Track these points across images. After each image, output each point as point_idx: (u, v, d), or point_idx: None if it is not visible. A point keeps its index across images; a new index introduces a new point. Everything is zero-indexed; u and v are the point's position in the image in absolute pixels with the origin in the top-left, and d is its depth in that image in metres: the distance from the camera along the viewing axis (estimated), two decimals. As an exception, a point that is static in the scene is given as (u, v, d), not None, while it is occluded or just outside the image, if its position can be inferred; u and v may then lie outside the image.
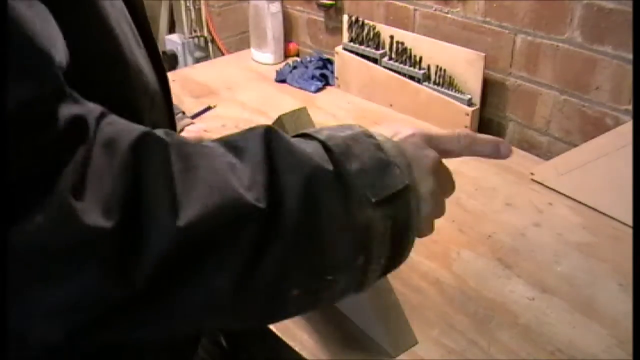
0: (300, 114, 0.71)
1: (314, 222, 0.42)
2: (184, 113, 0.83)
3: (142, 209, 0.37)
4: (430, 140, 0.52)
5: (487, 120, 1.21)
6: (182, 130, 0.77)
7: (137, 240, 0.37)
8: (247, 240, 0.39)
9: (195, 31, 1.83)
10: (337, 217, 0.43)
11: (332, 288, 0.45)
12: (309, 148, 0.45)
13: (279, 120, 0.70)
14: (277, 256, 0.41)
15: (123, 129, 0.39)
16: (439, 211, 0.53)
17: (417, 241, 0.90)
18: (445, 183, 0.52)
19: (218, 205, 0.38)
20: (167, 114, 0.61)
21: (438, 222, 0.94)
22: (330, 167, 0.43)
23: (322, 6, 1.46)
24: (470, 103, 1.17)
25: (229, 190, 0.39)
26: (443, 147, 0.52)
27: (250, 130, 0.44)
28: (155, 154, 0.39)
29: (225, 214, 0.39)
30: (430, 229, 0.54)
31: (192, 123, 0.81)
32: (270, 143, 0.43)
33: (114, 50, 0.48)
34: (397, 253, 0.50)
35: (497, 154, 0.55)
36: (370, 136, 0.48)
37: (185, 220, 0.37)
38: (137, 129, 0.40)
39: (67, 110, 0.37)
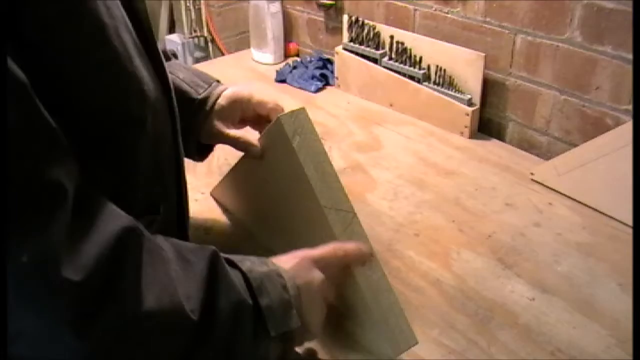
0: (299, 114, 0.71)
1: (234, 340, 0.54)
2: (218, 81, 0.84)
3: (118, 281, 0.45)
4: (316, 262, 0.63)
5: (487, 120, 1.21)
6: (218, 97, 0.80)
7: (100, 303, 0.44)
8: (180, 342, 0.50)
9: (195, 31, 1.83)
10: (248, 341, 0.55)
11: None
12: (236, 278, 0.55)
13: (278, 120, 0.70)
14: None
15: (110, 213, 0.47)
16: (324, 312, 0.65)
17: (417, 241, 0.91)
18: (329, 292, 0.65)
19: (167, 308, 0.48)
20: (171, 123, 0.61)
21: (438, 222, 0.95)
22: (250, 301, 0.55)
23: (322, 6, 1.46)
24: (470, 103, 1.17)
25: (175, 297, 0.49)
26: (328, 264, 0.64)
27: (201, 248, 0.55)
28: (135, 246, 0.48)
29: (170, 315, 0.48)
30: (318, 328, 0.65)
31: (226, 88, 0.82)
32: (212, 268, 0.53)
33: (110, 61, 0.48)
34: None
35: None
36: (279, 275, 0.59)
37: (146, 308, 0.46)
38: (122, 219, 0.48)
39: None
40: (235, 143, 0.79)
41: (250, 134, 0.80)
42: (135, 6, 0.54)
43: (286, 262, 0.62)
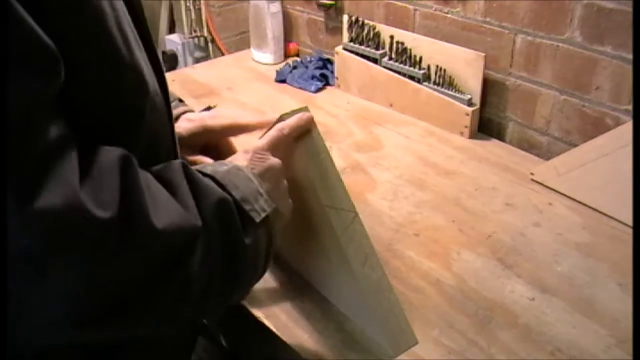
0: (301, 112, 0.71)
1: (229, 237, 0.55)
2: (180, 100, 0.82)
3: (132, 207, 0.45)
4: (266, 149, 0.66)
5: (487, 120, 1.21)
6: (178, 117, 0.77)
7: (128, 232, 0.45)
8: (194, 251, 0.50)
9: (195, 31, 1.83)
10: (240, 236, 0.56)
11: (230, 298, 0.59)
12: (209, 182, 0.56)
13: (281, 119, 0.70)
14: (204, 274, 0.52)
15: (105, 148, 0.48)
16: (286, 191, 0.68)
17: (417, 241, 0.91)
18: (285, 171, 0.67)
19: (177, 221, 0.49)
20: (167, 116, 0.61)
21: (438, 222, 0.95)
22: (229, 196, 0.56)
23: (322, 6, 1.46)
24: (470, 103, 1.17)
25: (179, 209, 0.50)
26: (278, 147, 0.66)
27: (169, 164, 0.55)
28: (136, 169, 0.49)
29: (183, 228, 0.50)
30: (288, 208, 0.68)
31: (190, 110, 0.80)
32: (188, 176, 0.54)
33: (111, 51, 0.48)
34: (268, 262, 0.62)
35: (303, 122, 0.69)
36: (238, 169, 0.61)
37: (161, 226, 0.47)
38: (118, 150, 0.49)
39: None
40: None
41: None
42: (132, 1, 0.54)
43: (240, 159, 0.63)
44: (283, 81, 1.44)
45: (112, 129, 0.51)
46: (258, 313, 0.76)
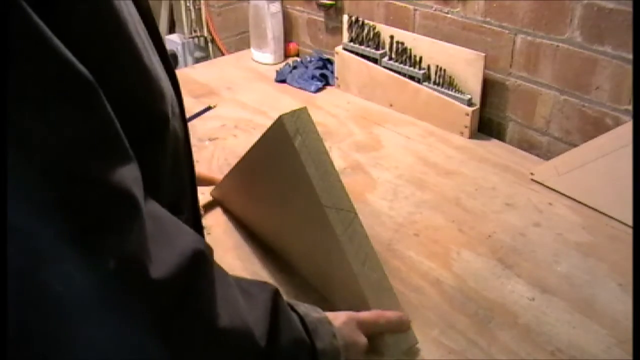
0: (301, 114, 0.71)
1: None
2: None
3: (193, 291, 0.45)
4: (360, 325, 0.66)
5: (487, 120, 1.21)
6: None
7: (182, 307, 0.44)
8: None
9: (195, 31, 1.83)
10: None
11: None
12: (294, 316, 0.58)
13: (280, 120, 0.70)
14: None
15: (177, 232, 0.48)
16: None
17: (417, 241, 0.91)
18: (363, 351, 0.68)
19: (239, 329, 0.49)
20: (182, 121, 0.61)
21: (438, 222, 0.95)
22: (309, 341, 0.57)
23: (322, 6, 1.46)
24: (470, 103, 1.17)
25: (246, 320, 0.50)
26: (370, 330, 0.67)
27: (262, 283, 0.57)
28: (208, 263, 0.48)
29: (241, 337, 0.49)
30: None
31: None
32: (277, 301, 0.55)
33: (134, 59, 0.48)
34: None
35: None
36: (329, 323, 0.62)
37: (221, 324, 0.47)
38: (194, 235, 0.49)
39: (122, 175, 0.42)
40: None
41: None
42: (142, 4, 0.53)
43: (334, 318, 0.64)
44: (283, 81, 1.44)
45: (144, 138, 0.49)
46: (258, 313, 0.76)
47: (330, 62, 1.45)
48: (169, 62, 0.58)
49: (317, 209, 0.68)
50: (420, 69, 1.23)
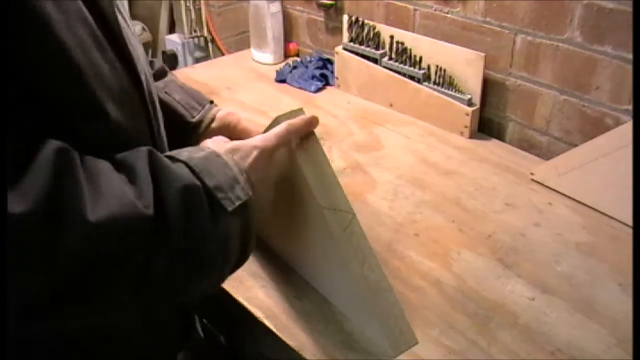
0: (297, 114, 0.71)
1: (192, 225, 0.54)
2: (212, 102, 0.86)
3: (61, 202, 0.46)
4: (267, 150, 0.66)
5: (487, 120, 1.21)
6: (212, 119, 0.83)
7: (54, 226, 0.45)
8: (141, 239, 0.50)
9: (195, 31, 1.83)
10: (206, 223, 0.55)
11: (198, 284, 0.58)
12: (178, 168, 0.56)
13: (276, 120, 0.70)
14: (164, 259, 0.52)
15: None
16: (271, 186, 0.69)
17: (417, 241, 0.90)
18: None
19: (118, 211, 0.49)
20: (145, 115, 0.61)
21: (438, 222, 0.94)
22: (198, 182, 0.55)
23: (322, 6, 1.46)
24: (470, 103, 1.17)
25: (125, 199, 0.50)
26: (282, 143, 0.67)
27: (137, 150, 0.55)
28: (72, 164, 0.48)
29: (123, 217, 0.49)
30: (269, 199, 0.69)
31: (219, 110, 0.86)
32: (153, 162, 0.54)
33: (58, 55, 0.49)
34: (245, 251, 0.62)
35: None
36: (217, 156, 0.60)
37: (95, 218, 0.47)
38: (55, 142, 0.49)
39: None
40: None
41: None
42: (99, 3, 0.55)
43: (233, 150, 0.63)
44: (283, 81, 1.44)
45: (73, 131, 0.51)
46: (258, 313, 0.76)
47: (330, 62, 1.45)
48: (130, 59, 0.58)
49: (315, 210, 0.68)
50: (420, 69, 1.23)
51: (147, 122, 0.62)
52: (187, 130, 0.82)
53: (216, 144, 0.64)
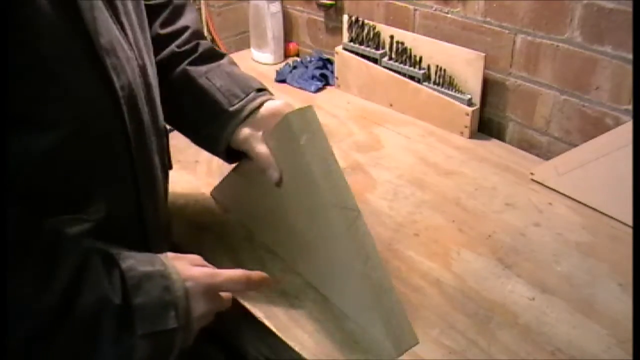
0: (307, 112, 0.71)
1: (92, 335, 0.54)
2: (262, 89, 0.83)
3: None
4: (211, 288, 0.64)
5: (487, 120, 1.21)
6: (257, 107, 0.79)
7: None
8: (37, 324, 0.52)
9: (195, 31, 1.83)
10: (109, 338, 0.55)
11: None
12: (109, 275, 0.56)
13: (286, 118, 0.70)
14: (61, 346, 0.53)
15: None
16: (215, 310, 0.66)
17: (417, 241, 0.90)
18: (220, 303, 0.66)
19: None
20: (120, 124, 0.62)
21: (438, 222, 0.94)
22: (116, 300, 0.55)
23: (322, 6, 1.46)
24: (470, 103, 1.17)
25: (45, 288, 0.52)
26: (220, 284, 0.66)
27: (84, 242, 0.57)
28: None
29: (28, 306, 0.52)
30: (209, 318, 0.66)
31: (269, 99, 0.81)
32: (87, 260, 0.55)
33: (38, 65, 0.51)
34: None
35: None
36: (164, 277, 0.59)
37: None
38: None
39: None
40: (259, 160, 0.77)
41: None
42: (78, 8, 0.55)
43: (184, 276, 0.62)
44: (283, 81, 1.44)
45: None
46: (258, 313, 0.76)
47: (330, 62, 1.45)
48: (105, 67, 0.58)
49: (321, 206, 0.68)
50: (420, 69, 1.23)
51: (122, 130, 0.62)
52: (222, 119, 0.79)
53: (181, 265, 0.63)
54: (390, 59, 1.28)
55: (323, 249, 0.73)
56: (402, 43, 1.24)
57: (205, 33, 1.78)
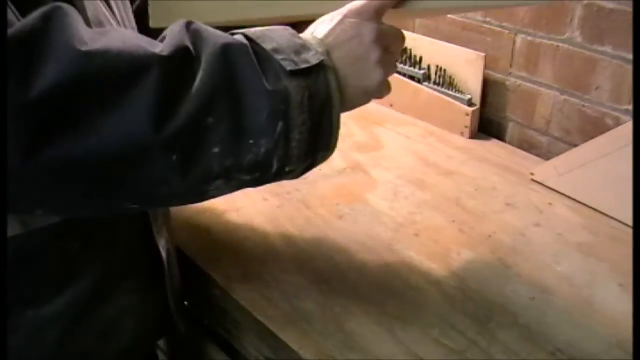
0: None
1: (228, 84, 0.47)
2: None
3: (44, 33, 0.42)
4: (362, 14, 0.55)
5: (487, 120, 1.21)
6: None
7: (37, 59, 0.42)
8: (152, 81, 0.44)
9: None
10: (252, 82, 0.48)
11: (253, 151, 0.49)
12: (219, 32, 0.49)
13: None
14: (190, 109, 0.45)
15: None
16: (389, 71, 0.57)
17: (417, 241, 0.90)
18: (391, 42, 0.57)
19: (119, 48, 0.44)
20: None
21: (438, 222, 0.94)
22: (245, 41, 0.48)
23: (322, 6, 1.46)
24: (470, 103, 1.17)
25: (133, 41, 0.45)
26: (375, 10, 0.55)
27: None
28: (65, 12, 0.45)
29: (126, 54, 0.44)
30: (383, 90, 0.58)
31: None
32: (190, 26, 0.48)
33: None
34: (319, 126, 0.52)
35: None
36: (286, 29, 0.52)
37: (86, 49, 0.43)
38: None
39: None
40: None
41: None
42: None
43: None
44: (283, 81, 1.44)
45: None
46: (258, 313, 0.76)
47: (330, 62, 1.45)
48: None
49: None
50: (420, 69, 1.23)
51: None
52: None
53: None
54: (390, 59, 1.28)
55: None
56: (402, 43, 1.24)
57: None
